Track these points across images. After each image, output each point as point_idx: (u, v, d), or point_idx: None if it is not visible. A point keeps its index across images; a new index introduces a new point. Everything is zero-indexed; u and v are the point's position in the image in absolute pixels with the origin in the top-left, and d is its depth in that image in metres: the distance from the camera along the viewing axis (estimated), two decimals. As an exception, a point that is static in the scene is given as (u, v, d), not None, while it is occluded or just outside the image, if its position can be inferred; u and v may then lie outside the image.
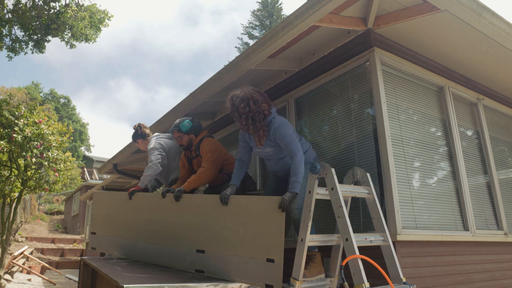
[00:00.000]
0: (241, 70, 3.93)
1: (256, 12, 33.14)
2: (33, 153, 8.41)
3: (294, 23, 3.26)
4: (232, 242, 3.12)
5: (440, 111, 4.15)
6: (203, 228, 3.36)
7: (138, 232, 3.91)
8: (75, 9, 10.84)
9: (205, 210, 3.40)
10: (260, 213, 3.00)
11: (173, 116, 5.09)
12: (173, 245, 3.57)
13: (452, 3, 3.11)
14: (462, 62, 4.33)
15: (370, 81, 3.57)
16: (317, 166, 2.82)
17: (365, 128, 3.59)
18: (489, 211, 4.28)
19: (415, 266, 3.25)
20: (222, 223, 3.23)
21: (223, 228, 3.22)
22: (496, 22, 3.42)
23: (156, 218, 3.80)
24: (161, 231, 3.71)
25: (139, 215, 3.95)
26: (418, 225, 3.42)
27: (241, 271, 3.00)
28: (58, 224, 23.16)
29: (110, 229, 4.21)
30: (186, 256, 3.43)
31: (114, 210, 4.22)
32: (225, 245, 3.16)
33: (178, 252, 3.51)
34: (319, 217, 3.75)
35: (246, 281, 2.96)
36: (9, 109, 8.59)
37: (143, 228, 3.88)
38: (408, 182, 3.50)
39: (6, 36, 10.95)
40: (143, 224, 3.89)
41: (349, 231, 2.69)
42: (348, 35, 3.80)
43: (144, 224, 3.89)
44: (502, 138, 5.02)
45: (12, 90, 34.16)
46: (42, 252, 15.04)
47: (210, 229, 3.31)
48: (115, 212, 4.20)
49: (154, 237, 3.76)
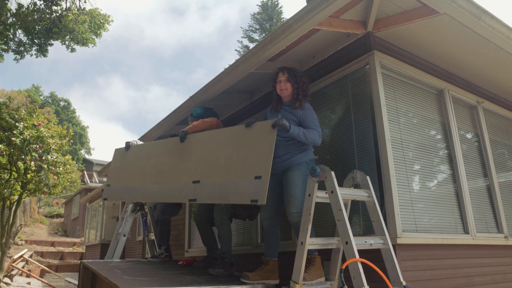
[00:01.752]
0: (241, 73, 3.93)
1: (256, 15, 33.24)
2: (32, 156, 8.41)
3: (294, 26, 3.27)
4: (226, 169, 3.26)
5: (440, 114, 4.15)
6: (201, 162, 3.54)
7: (145, 177, 4.11)
8: (76, 12, 10.87)
9: (205, 145, 3.64)
10: (252, 137, 3.19)
11: (173, 118, 5.09)
12: (173, 181, 3.74)
13: (451, 7, 3.12)
14: (462, 65, 4.33)
15: (370, 84, 3.57)
16: (317, 169, 2.82)
17: (365, 131, 3.59)
18: (489, 214, 4.28)
19: (415, 269, 3.24)
20: (219, 153, 3.41)
21: (219, 158, 3.40)
22: (495, 25, 3.43)
23: (161, 161, 4.04)
24: (164, 171, 3.92)
25: (147, 162, 4.19)
26: (418, 228, 3.42)
27: (230, 193, 3.12)
28: (58, 227, 23.14)
29: (122, 180, 4.41)
30: (182, 189, 3.55)
31: (128, 161, 4.47)
32: (219, 172, 3.31)
33: (176, 186, 3.66)
34: (319, 220, 3.75)
35: (234, 201, 3.11)
36: (9, 112, 8.60)
37: (149, 172, 4.09)
38: (408, 185, 3.50)
39: (11, 39, 11.01)
40: (149, 169, 4.11)
41: (349, 234, 2.68)
42: (348, 38, 3.81)
43: (150, 168, 4.10)
44: (502, 141, 5.02)
45: (12, 93, 34.22)
46: (42, 255, 15.02)
47: (207, 161, 3.49)
48: (129, 163, 4.46)
49: (157, 178, 3.95)
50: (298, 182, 3.26)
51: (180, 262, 4.49)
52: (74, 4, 10.99)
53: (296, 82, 3.53)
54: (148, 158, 4.20)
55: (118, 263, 4.17)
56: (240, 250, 4.68)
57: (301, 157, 3.36)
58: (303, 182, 3.25)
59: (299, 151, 3.38)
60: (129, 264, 4.22)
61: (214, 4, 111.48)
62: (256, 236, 4.62)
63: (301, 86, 3.54)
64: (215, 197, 3.25)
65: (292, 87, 3.53)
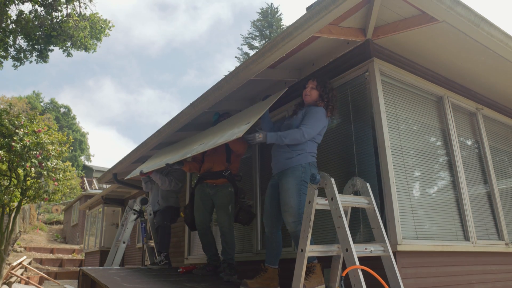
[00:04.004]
0: (241, 80, 3.95)
1: (256, 23, 33.37)
2: (32, 163, 8.41)
3: (294, 34, 3.29)
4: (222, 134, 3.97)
5: (439, 121, 4.16)
6: (206, 139, 4.19)
7: (162, 155, 5.21)
8: (77, 19, 10.92)
9: (212, 131, 4.42)
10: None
11: (174, 125, 5.10)
12: (182, 152, 4.48)
13: (450, 14, 3.14)
14: (461, 72, 4.35)
15: (370, 91, 3.58)
16: (317, 176, 2.82)
17: (365, 138, 3.59)
18: (489, 221, 4.27)
19: (416, 276, 3.23)
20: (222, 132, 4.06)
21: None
22: (494, 32, 3.45)
23: (177, 145, 5.19)
24: (177, 148, 4.94)
25: (166, 150, 5.40)
26: (418, 235, 3.41)
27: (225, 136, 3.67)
28: (57, 234, 23.06)
29: (149, 162, 5.51)
30: (192, 150, 4.18)
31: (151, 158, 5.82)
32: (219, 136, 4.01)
33: (184, 151, 4.42)
34: (319, 227, 3.74)
35: (227, 140, 3.50)
36: (9, 119, 8.62)
37: (165, 152, 5.21)
38: (408, 192, 3.50)
39: (11, 46, 11.05)
40: (165, 152, 5.24)
41: (349, 241, 2.68)
42: (348, 45, 3.83)
43: (166, 151, 5.30)
44: (502, 148, 5.03)
45: (13, 99, 34.30)
46: (41, 262, 14.96)
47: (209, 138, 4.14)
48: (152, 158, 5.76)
49: (170, 153, 4.92)
50: (293, 189, 3.27)
51: (180, 269, 4.48)
52: (74, 10, 11.04)
53: (326, 92, 3.56)
54: (167, 150, 5.39)
55: (117, 270, 4.16)
56: (240, 257, 4.66)
57: (296, 160, 3.36)
58: (298, 188, 3.25)
59: (296, 154, 3.37)
60: (128, 271, 4.21)
61: (204, 2, 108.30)
62: (256, 243, 4.60)
63: (329, 97, 3.55)
64: (215, 142, 3.73)
65: (319, 96, 3.57)
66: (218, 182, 4.28)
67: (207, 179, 4.32)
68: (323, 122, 3.47)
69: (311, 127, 3.36)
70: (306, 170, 3.31)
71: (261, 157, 4.85)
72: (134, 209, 5.47)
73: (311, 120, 3.40)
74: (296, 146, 3.38)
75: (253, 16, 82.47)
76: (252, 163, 4.94)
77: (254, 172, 4.88)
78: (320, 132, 3.47)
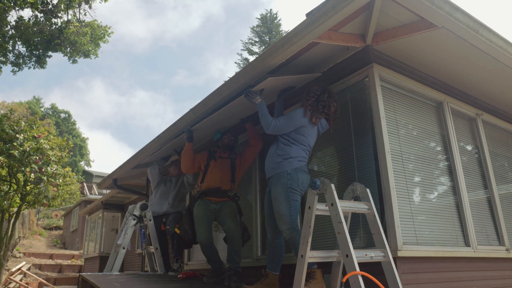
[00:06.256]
0: (241, 86, 3.95)
1: (256, 28, 33.48)
2: (32, 168, 8.41)
3: (294, 40, 3.30)
4: None
5: (439, 126, 4.17)
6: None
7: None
8: (77, 25, 10.96)
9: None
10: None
11: (174, 130, 5.10)
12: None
13: (449, 21, 3.15)
14: (461, 78, 4.36)
15: (369, 96, 3.59)
16: (317, 182, 2.82)
17: (365, 143, 3.59)
18: (490, 226, 4.26)
19: (416, 282, 3.22)
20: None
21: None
22: (493, 38, 3.47)
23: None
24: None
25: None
26: (419, 241, 3.40)
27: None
28: (57, 240, 22.99)
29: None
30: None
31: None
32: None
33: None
34: (319, 233, 3.73)
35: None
36: (10, 124, 8.63)
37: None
38: (408, 198, 3.50)
39: (10, 51, 11.07)
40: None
41: (349, 247, 2.67)
42: (347, 51, 3.84)
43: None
44: (502, 153, 5.03)
45: (14, 105, 34.33)
46: (40, 268, 14.89)
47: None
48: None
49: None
50: (281, 198, 3.33)
51: (180, 275, 4.46)
52: (75, 16, 11.09)
53: (308, 95, 3.70)
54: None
55: (117, 276, 4.15)
56: (241, 263, 4.64)
57: (282, 166, 3.42)
58: (286, 196, 3.31)
59: (281, 159, 3.44)
60: (128, 277, 4.19)
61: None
62: (257, 249, 4.59)
63: (308, 100, 3.66)
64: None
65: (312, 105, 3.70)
66: (222, 200, 4.41)
67: (211, 196, 4.37)
68: (297, 121, 3.50)
69: (280, 122, 3.51)
70: (291, 177, 3.35)
71: (261, 162, 4.86)
72: (134, 215, 5.45)
73: (283, 117, 3.58)
74: (282, 151, 3.47)
75: (245, 13, 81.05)
76: (252, 170, 4.94)
77: (254, 176, 4.88)
78: (299, 132, 3.50)
